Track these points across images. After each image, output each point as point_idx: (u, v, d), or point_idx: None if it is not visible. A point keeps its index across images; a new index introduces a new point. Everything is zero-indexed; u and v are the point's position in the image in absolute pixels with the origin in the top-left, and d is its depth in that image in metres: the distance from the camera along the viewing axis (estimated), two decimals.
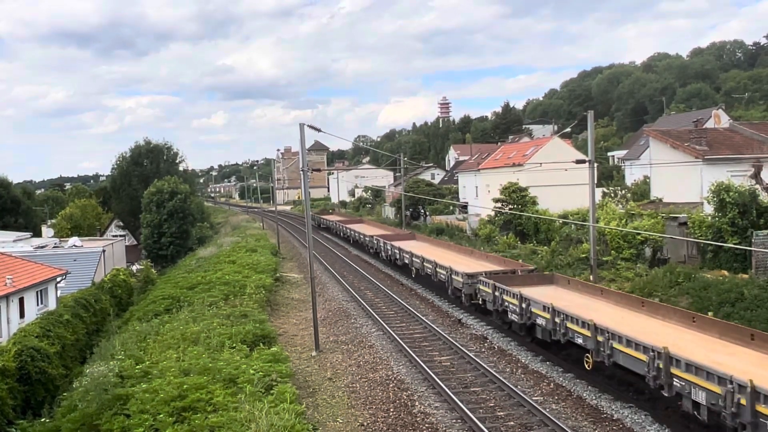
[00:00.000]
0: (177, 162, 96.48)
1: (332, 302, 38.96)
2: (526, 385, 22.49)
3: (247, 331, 26.24)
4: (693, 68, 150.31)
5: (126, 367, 22.08)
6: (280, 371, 21.02)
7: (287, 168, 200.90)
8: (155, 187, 70.37)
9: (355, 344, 29.20)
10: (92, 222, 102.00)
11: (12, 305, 37.22)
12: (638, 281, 31.98)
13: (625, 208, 43.34)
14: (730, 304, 25.42)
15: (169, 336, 26.43)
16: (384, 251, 50.32)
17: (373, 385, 23.42)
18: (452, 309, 34.94)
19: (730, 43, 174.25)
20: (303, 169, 29.61)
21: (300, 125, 29.02)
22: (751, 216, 31.46)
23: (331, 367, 26.27)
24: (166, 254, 68.24)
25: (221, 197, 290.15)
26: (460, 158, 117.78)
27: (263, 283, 38.75)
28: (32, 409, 25.06)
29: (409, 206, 77.19)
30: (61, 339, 31.16)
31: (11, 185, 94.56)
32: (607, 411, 19.55)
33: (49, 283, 42.91)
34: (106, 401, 18.82)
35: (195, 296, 34.92)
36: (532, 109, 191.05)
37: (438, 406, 20.77)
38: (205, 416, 17.11)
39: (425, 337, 29.31)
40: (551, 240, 45.09)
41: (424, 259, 39.21)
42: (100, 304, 39.63)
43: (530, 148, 67.01)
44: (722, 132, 49.06)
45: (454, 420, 19.52)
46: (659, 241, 35.88)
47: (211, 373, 20.40)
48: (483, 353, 26.54)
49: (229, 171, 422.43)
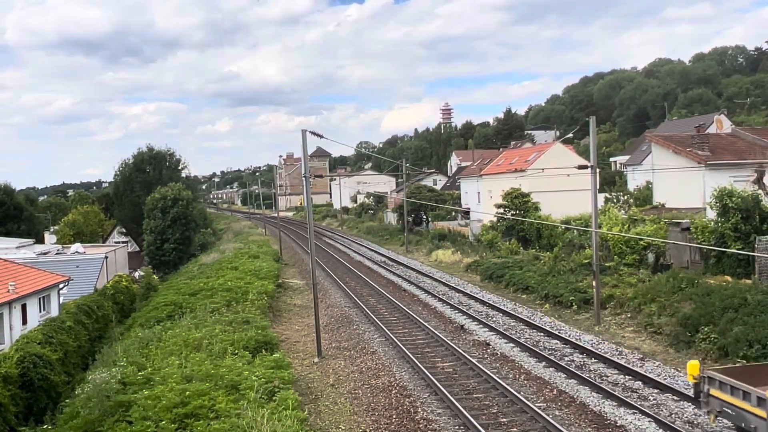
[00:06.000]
0: (180, 168, 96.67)
1: (334, 308, 38.93)
2: (529, 391, 22.43)
3: (249, 338, 26.20)
4: (695, 74, 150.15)
5: (128, 374, 22.07)
6: (282, 378, 21.00)
7: (289, 174, 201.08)
8: (159, 194, 70.45)
9: (357, 350, 29.16)
10: (95, 228, 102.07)
11: (15, 312, 37.21)
12: (641, 287, 31.92)
13: (627, 213, 43.30)
14: (734, 310, 25.35)
15: (172, 342, 26.41)
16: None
17: (375, 391, 23.37)
18: (455, 315, 34.91)
19: (732, 49, 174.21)
20: (305, 176, 29.59)
21: (302, 131, 29.02)
22: (754, 221, 31.42)
23: (334, 373, 26.22)
24: (169, 260, 68.28)
25: (224, 203, 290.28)
26: (462, 164, 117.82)
27: (265, 290, 38.71)
28: (34, 416, 25.05)
29: (411, 212, 77.20)
30: (63, 345, 31.19)
31: (14, 192, 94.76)
32: (610, 417, 19.46)
33: (52, 290, 42.91)
34: (109, 408, 18.83)
35: (197, 302, 34.88)
36: (534, 114, 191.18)
37: (441, 413, 20.69)
38: (207, 423, 17.09)
39: (428, 343, 29.25)
40: (554, 246, 45.04)
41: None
42: (103, 310, 39.67)
43: (532, 153, 67.05)
44: (725, 137, 49.05)
45: (457, 426, 19.46)
46: (662, 247, 35.83)
47: (213, 380, 20.36)
48: (486, 359, 26.48)
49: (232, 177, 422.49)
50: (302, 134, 29.02)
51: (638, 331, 29.12)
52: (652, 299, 30.04)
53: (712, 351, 24.60)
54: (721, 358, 23.96)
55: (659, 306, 29.17)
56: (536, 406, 20.25)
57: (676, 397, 20.77)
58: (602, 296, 32.36)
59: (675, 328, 27.02)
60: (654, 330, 28.24)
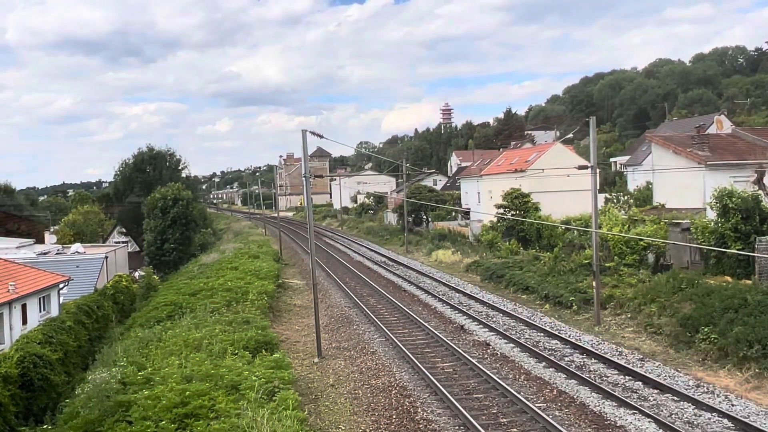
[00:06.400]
0: (180, 168, 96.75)
1: (334, 308, 38.95)
2: (529, 391, 22.44)
3: (249, 338, 26.18)
4: (695, 74, 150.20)
5: (128, 374, 22.07)
6: (282, 378, 20.99)
7: (289, 174, 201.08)
8: (159, 194, 70.50)
9: (357, 351, 29.17)
10: (95, 228, 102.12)
11: (15, 312, 37.24)
12: (641, 287, 31.93)
13: (627, 213, 43.31)
14: (734, 311, 25.36)
15: (172, 342, 26.40)
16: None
17: (375, 391, 23.38)
18: (455, 315, 34.93)
19: (732, 49, 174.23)
20: (305, 176, 29.59)
21: (302, 131, 29.02)
22: (754, 222, 31.41)
23: (334, 373, 26.24)
24: (169, 260, 68.32)
25: (224, 204, 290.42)
26: (462, 164, 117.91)
27: (265, 290, 38.72)
28: (34, 416, 25.06)
29: (411, 212, 77.21)
30: (63, 345, 31.19)
31: (15, 192, 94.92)
32: (610, 418, 19.47)
33: (52, 290, 42.95)
34: (109, 408, 18.83)
35: (197, 303, 34.88)
36: (535, 114, 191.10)
37: (440, 413, 20.70)
38: (207, 423, 17.10)
39: (428, 343, 29.26)
40: (554, 246, 45.06)
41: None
42: (103, 310, 39.67)
43: (532, 154, 67.09)
44: (725, 138, 49.09)
45: (457, 427, 19.46)
46: (662, 247, 35.84)
47: (213, 380, 20.35)
48: (485, 359, 26.49)
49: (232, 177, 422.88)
50: (302, 134, 29.03)
51: (638, 332, 29.13)
52: (652, 299, 30.05)
53: (712, 351, 24.64)
54: (721, 359, 23.99)
55: (659, 306, 29.18)
56: (536, 407, 20.26)
57: (676, 398, 20.79)
58: (602, 296, 32.38)
59: (675, 329, 27.05)
60: (654, 330, 28.25)
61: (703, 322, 25.83)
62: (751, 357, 22.65)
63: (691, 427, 18.50)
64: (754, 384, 21.90)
